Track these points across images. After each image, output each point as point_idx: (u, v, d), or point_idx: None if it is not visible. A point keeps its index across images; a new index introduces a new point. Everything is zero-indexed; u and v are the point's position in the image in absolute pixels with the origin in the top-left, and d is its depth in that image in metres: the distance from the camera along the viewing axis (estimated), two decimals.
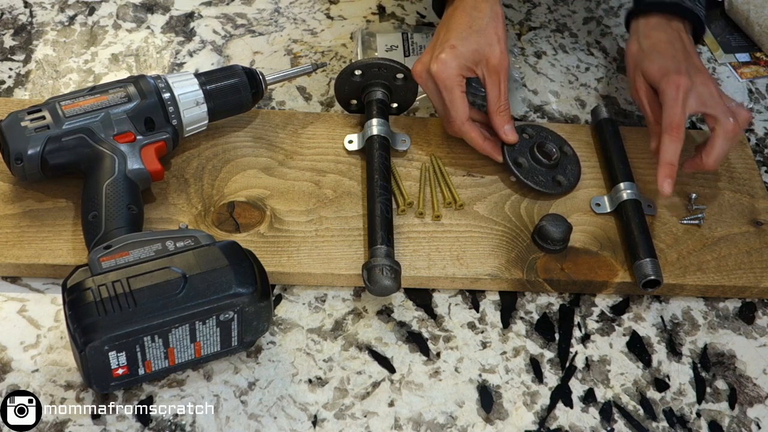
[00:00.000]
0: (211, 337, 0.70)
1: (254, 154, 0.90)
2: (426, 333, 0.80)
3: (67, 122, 0.79)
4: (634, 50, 0.93)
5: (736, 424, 0.78)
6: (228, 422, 0.72)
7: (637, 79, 0.92)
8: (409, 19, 1.12)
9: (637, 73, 0.91)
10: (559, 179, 0.91)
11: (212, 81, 0.86)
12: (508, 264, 0.84)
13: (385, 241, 0.80)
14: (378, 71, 0.92)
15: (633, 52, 0.93)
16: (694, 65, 0.89)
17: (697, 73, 0.88)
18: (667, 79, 0.86)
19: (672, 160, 0.84)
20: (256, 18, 1.10)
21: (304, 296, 0.82)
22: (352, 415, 0.74)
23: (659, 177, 0.84)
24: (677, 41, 0.91)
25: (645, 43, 0.92)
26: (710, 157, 0.87)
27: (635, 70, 0.92)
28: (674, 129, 0.84)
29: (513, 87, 1.05)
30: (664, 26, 0.92)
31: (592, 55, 1.12)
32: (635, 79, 0.92)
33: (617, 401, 0.78)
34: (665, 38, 0.91)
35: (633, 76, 0.93)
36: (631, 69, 0.93)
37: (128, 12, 1.09)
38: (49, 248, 0.79)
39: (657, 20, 0.93)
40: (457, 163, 0.92)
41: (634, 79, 0.92)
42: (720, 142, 0.86)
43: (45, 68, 1.00)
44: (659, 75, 0.88)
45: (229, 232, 0.83)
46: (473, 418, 0.75)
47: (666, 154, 0.84)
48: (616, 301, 0.85)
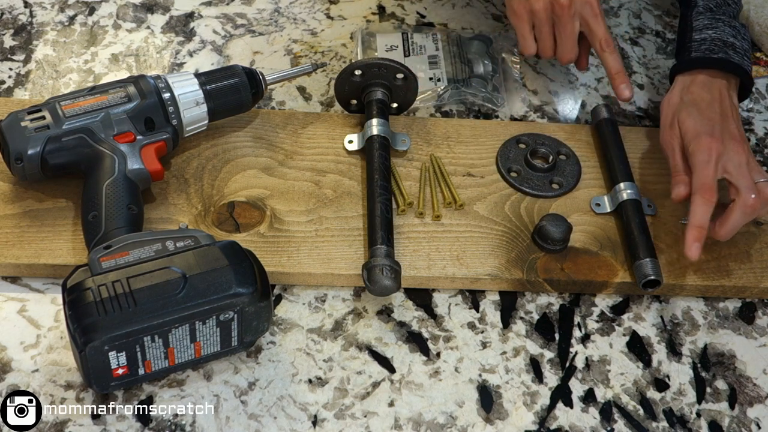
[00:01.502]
0: (211, 337, 0.70)
1: (254, 154, 0.90)
2: (426, 333, 0.80)
3: (67, 122, 0.79)
4: (674, 101, 0.91)
5: (736, 424, 0.78)
6: (228, 422, 0.72)
7: (673, 129, 0.89)
8: (409, 19, 1.12)
9: (673, 124, 0.89)
10: (556, 183, 0.91)
11: (212, 81, 0.86)
12: (508, 264, 0.84)
13: (385, 241, 0.80)
14: (378, 71, 0.92)
15: (673, 101, 0.91)
16: (729, 131, 0.86)
17: (731, 140, 0.85)
18: (699, 140, 0.84)
19: (702, 223, 0.81)
20: (256, 18, 1.10)
21: (304, 296, 0.82)
22: (352, 415, 0.74)
23: (688, 239, 0.81)
24: (717, 103, 0.89)
25: (686, 98, 0.90)
26: (723, 228, 0.83)
27: (672, 118, 0.89)
28: (706, 191, 0.82)
29: (513, 87, 1.05)
30: (709, 85, 0.90)
31: (592, 55, 1.11)
32: (671, 127, 0.89)
33: (617, 401, 0.78)
34: (707, 98, 0.89)
35: (668, 123, 0.89)
36: (668, 117, 0.90)
37: (128, 12, 1.09)
38: (49, 248, 0.79)
39: (703, 78, 0.91)
40: (457, 163, 0.93)
41: (670, 126, 0.89)
42: (737, 215, 0.82)
43: (45, 68, 1.00)
44: (692, 134, 0.85)
45: (229, 232, 0.83)
46: (473, 418, 0.75)
47: (696, 217, 0.81)
48: (616, 301, 0.85)
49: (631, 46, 1.14)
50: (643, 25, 1.18)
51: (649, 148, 0.97)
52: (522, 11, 0.94)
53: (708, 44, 0.93)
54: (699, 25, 0.95)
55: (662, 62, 1.13)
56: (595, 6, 0.93)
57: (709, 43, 0.93)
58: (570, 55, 0.96)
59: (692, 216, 0.82)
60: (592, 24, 0.94)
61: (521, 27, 0.96)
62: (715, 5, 0.96)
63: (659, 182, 0.93)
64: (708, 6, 0.96)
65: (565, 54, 0.96)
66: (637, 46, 1.14)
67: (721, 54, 0.91)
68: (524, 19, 0.95)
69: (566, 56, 0.97)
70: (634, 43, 1.15)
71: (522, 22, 0.95)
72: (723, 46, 0.92)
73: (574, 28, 0.94)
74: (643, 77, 1.10)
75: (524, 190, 0.90)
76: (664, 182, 0.93)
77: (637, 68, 1.11)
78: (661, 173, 0.94)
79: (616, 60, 0.95)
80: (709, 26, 0.94)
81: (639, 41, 1.15)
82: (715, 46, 0.92)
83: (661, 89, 1.08)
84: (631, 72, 1.10)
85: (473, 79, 1.03)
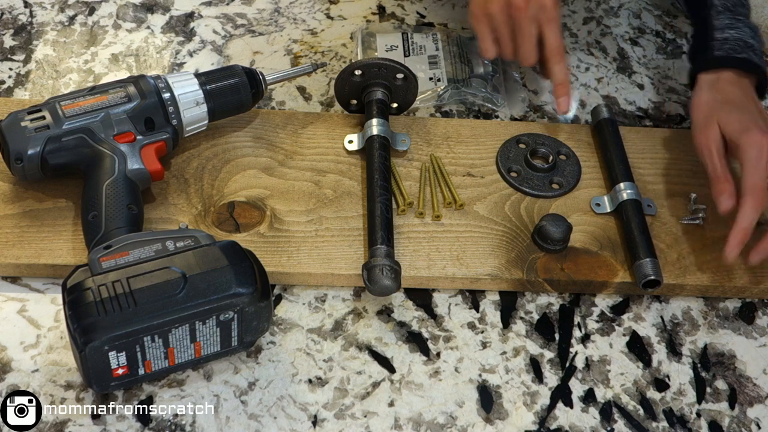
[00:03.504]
0: (211, 337, 0.70)
1: (254, 154, 0.90)
2: (426, 333, 0.80)
3: (67, 122, 0.79)
4: (705, 100, 0.88)
5: (736, 424, 0.78)
6: (228, 422, 0.72)
7: (710, 129, 0.85)
8: (409, 19, 1.12)
9: (710, 123, 0.85)
10: (556, 183, 0.91)
11: (212, 81, 0.86)
12: (508, 264, 0.84)
13: (384, 241, 0.80)
14: (378, 71, 0.92)
15: (704, 101, 0.88)
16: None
17: None
18: (749, 135, 0.81)
19: (749, 225, 0.79)
20: (256, 18, 1.10)
21: (304, 296, 0.82)
22: (352, 415, 0.74)
23: (731, 242, 0.79)
24: (752, 102, 0.87)
25: (719, 96, 0.87)
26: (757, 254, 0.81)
27: (708, 119, 0.85)
28: (758, 192, 0.79)
29: (513, 87, 1.05)
30: (736, 82, 0.89)
31: (592, 55, 1.12)
32: (707, 129, 0.85)
33: (617, 401, 0.78)
34: (740, 96, 0.87)
35: (702, 124, 0.86)
36: (701, 117, 0.87)
37: (128, 12, 1.09)
38: (49, 248, 0.79)
39: (729, 75, 0.89)
40: (457, 163, 0.93)
41: (705, 127, 0.85)
42: None
43: (45, 68, 1.00)
44: (739, 129, 0.82)
45: (229, 232, 0.83)
46: (473, 418, 0.75)
47: (744, 219, 0.79)
48: (616, 301, 0.85)
49: (631, 46, 1.14)
50: (643, 25, 1.18)
51: (649, 148, 0.97)
52: (480, 14, 0.93)
53: (731, 44, 0.91)
54: (720, 24, 0.93)
55: (662, 62, 1.13)
56: (550, 11, 0.91)
57: (732, 43, 0.91)
58: (530, 59, 0.94)
59: (740, 217, 0.79)
60: (546, 29, 0.92)
61: (480, 29, 0.94)
62: (732, 5, 0.94)
63: (659, 182, 0.94)
64: (726, 6, 0.94)
65: (525, 57, 0.94)
66: (637, 46, 1.14)
67: (743, 54, 0.90)
68: (483, 22, 0.94)
69: (526, 59, 0.94)
70: (634, 43, 1.15)
71: (481, 24, 0.94)
72: (744, 46, 0.91)
73: (532, 31, 0.92)
74: (643, 77, 1.10)
75: (524, 190, 0.90)
76: (664, 182, 0.94)
77: (637, 68, 1.11)
78: (661, 173, 0.95)
79: (562, 70, 0.93)
80: (731, 26, 0.92)
81: (639, 41, 1.15)
82: (738, 46, 0.91)
83: (661, 89, 1.08)
84: (631, 72, 1.10)
85: (473, 79, 1.03)
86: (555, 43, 0.93)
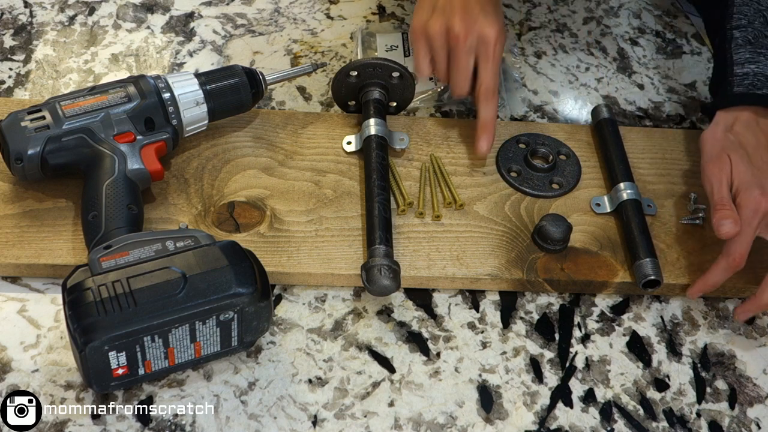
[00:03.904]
0: (211, 337, 0.70)
1: (254, 154, 0.90)
2: (426, 333, 0.80)
3: (67, 122, 0.79)
4: (718, 136, 0.86)
5: (736, 424, 0.78)
6: (228, 422, 0.72)
7: (723, 161, 0.83)
8: (409, 19, 1.12)
9: (724, 157, 0.83)
10: (556, 183, 0.91)
11: (212, 81, 0.86)
12: (508, 264, 0.84)
13: (383, 241, 0.80)
14: (373, 71, 0.92)
15: (717, 137, 0.86)
16: None
17: None
18: (748, 193, 0.80)
19: (716, 283, 0.81)
20: (256, 18, 1.10)
21: (304, 296, 0.82)
22: (352, 415, 0.74)
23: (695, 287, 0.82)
24: (764, 149, 0.84)
25: (732, 138, 0.85)
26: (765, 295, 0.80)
27: (720, 152, 0.84)
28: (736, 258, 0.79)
29: (513, 87, 1.05)
30: (754, 127, 0.86)
31: (592, 55, 1.12)
32: (720, 161, 0.83)
33: (617, 401, 0.78)
34: (753, 143, 0.85)
35: (715, 156, 0.84)
36: (713, 150, 0.85)
37: (128, 12, 1.09)
38: (49, 248, 0.79)
39: (747, 117, 0.87)
40: (457, 163, 0.93)
41: (717, 159, 0.84)
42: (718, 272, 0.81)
43: (45, 68, 1.00)
44: (744, 183, 0.81)
45: (229, 232, 0.83)
46: (473, 418, 0.75)
47: (714, 277, 0.81)
48: (616, 301, 0.85)
49: (631, 46, 1.14)
50: (643, 25, 1.18)
51: (649, 148, 0.97)
52: (419, 32, 0.90)
53: (751, 79, 0.88)
54: (740, 58, 0.89)
55: (662, 62, 1.13)
56: (490, 48, 0.88)
57: (752, 78, 0.88)
58: (462, 90, 0.90)
59: (711, 274, 0.81)
60: (481, 66, 0.89)
61: (416, 47, 0.91)
62: (753, 37, 0.91)
63: (659, 182, 0.94)
64: (747, 39, 0.90)
65: (456, 87, 0.90)
66: (637, 46, 1.14)
67: (764, 90, 0.87)
68: (420, 41, 0.90)
69: (457, 89, 0.91)
70: (634, 43, 1.15)
71: (418, 42, 0.90)
72: (766, 81, 0.88)
73: (468, 63, 0.89)
74: (643, 77, 1.10)
75: (524, 190, 0.90)
76: (664, 182, 0.94)
77: (637, 68, 1.11)
78: (661, 173, 0.95)
79: (488, 112, 0.89)
80: (751, 60, 0.89)
81: (639, 41, 1.15)
82: (758, 81, 0.88)
83: (661, 89, 1.08)
84: (631, 72, 1.10)
85: None
86: (487, 84, 0.89)
